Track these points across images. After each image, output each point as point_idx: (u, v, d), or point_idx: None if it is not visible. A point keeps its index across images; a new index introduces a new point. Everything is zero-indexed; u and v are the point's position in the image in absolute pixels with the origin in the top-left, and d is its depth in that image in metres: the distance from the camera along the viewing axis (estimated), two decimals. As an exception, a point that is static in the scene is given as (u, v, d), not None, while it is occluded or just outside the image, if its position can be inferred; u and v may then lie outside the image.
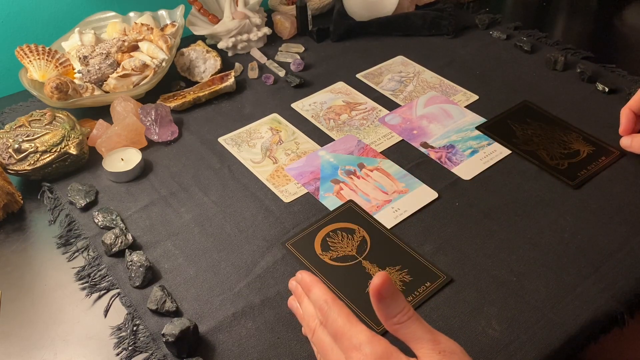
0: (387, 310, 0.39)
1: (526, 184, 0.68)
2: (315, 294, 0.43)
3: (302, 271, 0.47)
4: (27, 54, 0.83)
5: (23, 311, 0.57)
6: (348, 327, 0.40)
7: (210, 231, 0.64)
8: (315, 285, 0.44)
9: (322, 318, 0.42)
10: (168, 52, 0.86)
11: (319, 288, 0.44)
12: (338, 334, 0.40)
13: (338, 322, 0.41)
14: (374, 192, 0.68)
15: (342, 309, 0.42)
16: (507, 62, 0.90)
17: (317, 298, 0.43)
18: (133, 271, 0.58)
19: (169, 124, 0.78)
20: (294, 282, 0.48)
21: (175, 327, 0.50)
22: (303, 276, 0.46)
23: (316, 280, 0.45)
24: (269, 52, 0.97)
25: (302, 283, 0.46)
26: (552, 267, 0.58)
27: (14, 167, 0.69)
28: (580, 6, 1.10)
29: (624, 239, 0.60)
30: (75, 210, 0.68)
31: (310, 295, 0.44)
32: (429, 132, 0.77)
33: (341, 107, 0.83)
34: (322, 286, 0.44)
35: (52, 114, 0.74)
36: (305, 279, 0.45)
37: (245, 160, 0.74)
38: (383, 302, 0.39)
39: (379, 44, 0.97)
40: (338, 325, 0.41)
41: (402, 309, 0.39)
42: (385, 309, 0.39)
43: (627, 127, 0.71)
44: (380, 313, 0.40)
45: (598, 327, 0.53)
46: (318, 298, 0.43)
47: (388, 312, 0.39)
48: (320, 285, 0.44)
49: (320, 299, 0.43)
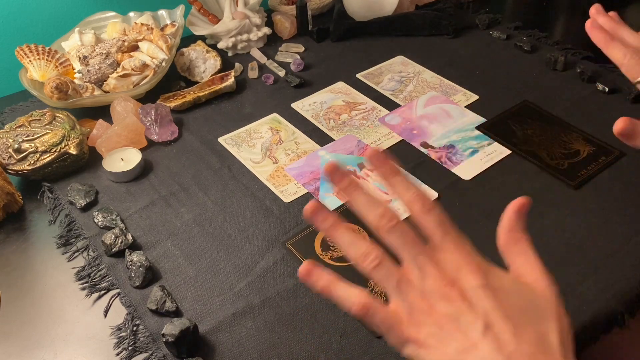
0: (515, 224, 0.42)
1: (526, 184, 0.68)
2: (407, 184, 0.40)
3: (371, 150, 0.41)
4: (27, 54, 0.83)
5: (23, 311, 0.57)
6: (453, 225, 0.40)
7: (210, 231, 0.64)
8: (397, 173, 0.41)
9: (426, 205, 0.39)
10: (168, 52, 0.86)
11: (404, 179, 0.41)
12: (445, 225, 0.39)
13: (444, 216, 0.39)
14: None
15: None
16: (507, 62, 0.90)
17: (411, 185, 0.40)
18: (133, 271, 0.58)
19: (169, 124, 0.78)
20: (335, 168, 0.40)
21: (175, 327, 0.50)
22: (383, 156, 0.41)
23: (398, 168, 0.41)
24: (269, 52, 0.97)
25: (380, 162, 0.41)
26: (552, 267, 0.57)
27: (14, 167, 0.69)
28: (580, 6, 1.10)
29: (624, 239, 0.60)
30: (75, 210, 0.68)
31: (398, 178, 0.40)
32: (429, 132, 0.77)
33: (341, 107, 0.83)
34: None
35: (52, 114, 0.74)
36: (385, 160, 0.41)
37: (245, 160, 0.74)
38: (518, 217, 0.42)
39: (379, 44, 0.97)
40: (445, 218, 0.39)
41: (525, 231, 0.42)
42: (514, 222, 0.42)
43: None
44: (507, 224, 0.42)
45: (598, 327, 0.53)
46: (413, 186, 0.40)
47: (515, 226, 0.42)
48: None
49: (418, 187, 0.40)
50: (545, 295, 0.39)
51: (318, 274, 0.39)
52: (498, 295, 0.37)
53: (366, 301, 0.38)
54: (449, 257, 0.38)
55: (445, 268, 0.38)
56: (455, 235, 0.39)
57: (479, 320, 0.36)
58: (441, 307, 0.37)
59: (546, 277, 0.40)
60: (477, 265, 0.38)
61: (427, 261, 0.38)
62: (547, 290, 0.39)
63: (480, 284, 0.37)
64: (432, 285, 0.38)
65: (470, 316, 0.37)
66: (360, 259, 0.39)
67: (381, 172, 0.41)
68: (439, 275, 0.38)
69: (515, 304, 0.38)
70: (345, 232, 0.40)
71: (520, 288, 0.39)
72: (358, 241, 0.39)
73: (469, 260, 0.38)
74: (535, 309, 0.38)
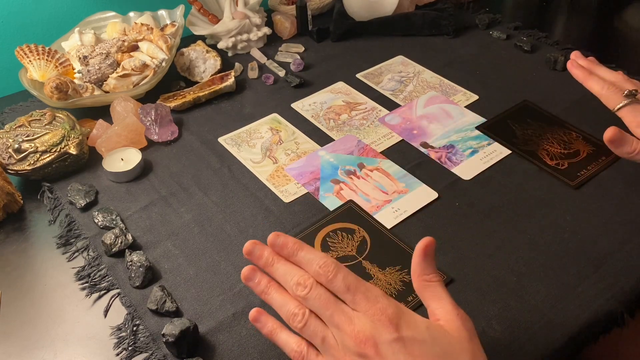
0: (425, 267, 0.43)
1: (526, 184, 0.68)
2: (311, 252, 0.42)
3: (276, 233, 0.44)
4: (27, 54, 0.83)
5: (23, 311, 0.57)
6: (361, 282, 0.41)
7: (210, 231, 0.64)
8: (305, 246, 0.43)
9: (327, 275, 0.41)
10: (168, 52, 0.86)
11: (312, 248, 0.43)
12: (350, 288, 0.40)
13: (350, 277, 0.41)
14: (374, 192, 0.68)
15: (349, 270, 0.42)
16: (507, 62, 0.90)
17: (314, 257, 0.42)
18: (133, 271, 0.58)
19: (169, 124, 0.78)
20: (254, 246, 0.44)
21: (175, 327, 0.50)
22: (281, 239, 0.43)
23: (303, 243, 0.43)
24: (269, 52, 0.97)
25: (281, 246, 0.43)
26: (552, 267, 0.58)
27: (14, 167, 0.69)
28: (580, 6, 1.10)
29: (624, 239, 0.60)
30: (75, 210, 0.68)
31: (301, 254, 0.43)
32: (429, 132, 0.77)
33: (341, 107, 0.83)
34: (311, 248, 0.43)
35: (52, 114, 0.74)
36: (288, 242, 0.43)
37: (245, 160, 0.74)
38: (425, 260, 0.43)
39: (379, 44, 0.97)
40: (350, 280, 0.41)
41: (435, 271, 0.43)
42: (423, 266, 0.43)
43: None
44: (417, 268, 0.43)
45: (598, 327, 0.53)
46: (317, 257, 0.42)
47: (425, 269, 0.43)
48: (311, 247, 0.43)
49: (322, 257, 0.42)
50: (459, 336, 0.41)
51: (264, 321, 0.44)
52: (412, 346, 0.39)
53: (301, 350, 0.42)
54: (362, 315, 0.40)
55: (360, 325, 0.40)
56: (364, 293, 0.41)
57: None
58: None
59: (458, 318, 0.42)
60: (389, 319, 0.40)
61: (342, 320, 0.40)
62: (460, 331, 0.41)
63: (394, 338, 0.39)
64: (348, 343, 0.40)
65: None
66: (290, 319, 0.42)
67: (285, 254, 0.44)
68: (354, 333, 0.39)
69: (428, 352, 0.39)
70: (275, 295, 0.43)
71: (434, 334, 0.40)
72: (288, 302, 0.42)
73: (381, 315, 0.40)
74: (448, 354, 0.40)
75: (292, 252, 0.43)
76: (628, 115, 0.65)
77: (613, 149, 0.64)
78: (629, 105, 0.65)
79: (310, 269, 0.42)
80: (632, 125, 0.65)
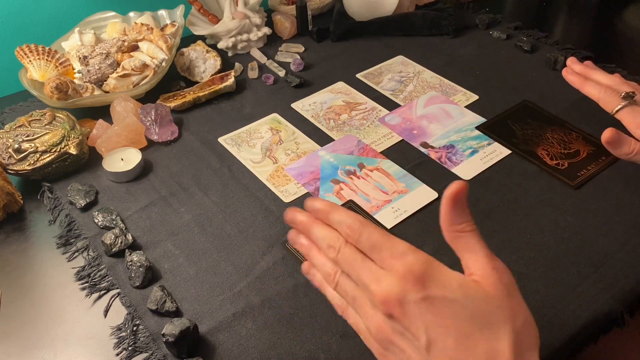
0: (455, 216, 0.39)
1: (526, 184, 0.68)
2: (340, 214, 0.41)
3: (311, 197, 0.44)
4: (27, 54, 0.83)
5: (23, 311, 0.57)
6: (386, 238, 0.39)
7: (210, 231, 0.64)
8: (337, 208, 0.42)
9: (354, 235, 0.40)
10: (168, 52, 0.86)
11: (343, 210, 0.42)
12: (376, 246, 0.39)
13: (374, 235, 0.39)
14: (374, 192, 0.68)
15: (376, 226, 0.40)
16: (507, 62, 0.90)
17: (343, 218, 0.41)
18: (133, 271, 0.58)
19: (169, 124, 0.78)
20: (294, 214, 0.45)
21: (175, 327, 0.50)
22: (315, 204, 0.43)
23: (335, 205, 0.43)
24: (269, 52, 0.97)
25: (316, 211, 0.43)
26: (552, 267, 0.58)
27: (14, 167, 0.69)
28: (580, 6, 1.10)
29: (624, 239, 0.60)
30: (75, 210, 0.68)
31: (332, 216, 0.42)
32: (429, 132, 0.77)
33: (341, 107, 0.83)
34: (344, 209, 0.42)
35: (52, 114, 0.74)
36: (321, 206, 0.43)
37: (245, 160, 0.74)
38: (455, 208, 0.39)
39: (379, 44, 0.97)
40: (375, 237, 0.39)
41: (468, 220, 0.39)
42: (453, 215, 0.39)
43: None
44: (447, 218, 0.40)
45: (598, 327, 0.53)
46: (345, 218, 0.41)
47: (455, 218, 0.39)
48: (343, 209, 0.42)
49: (349, 218, 0.41)
50: (496, 293, 0.37)
51: (314, 273, 0.45)
52: (442, 305, 0.36)
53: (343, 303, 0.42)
54: (389, 273, 0.38)
55: (385, 284, 0.38)
56: (390, 249, 0.39)
57: (422, 336, 0.36)
58: (387, 325, 0.38)
59: (494, 272, 0.38)
60: (416, 276, 0.37)
61: (369, 280, 0.38)
62: (497, 287, 0.38)
63: (420, 297, 0.36)
64: (377, 303, 0.38)
65: (412, 332, 0.37)
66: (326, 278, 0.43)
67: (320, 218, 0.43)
68: (379, 293, 0.38)
69: (459, 313, 0.36)
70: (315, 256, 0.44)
71: (467, 292, 0.37)
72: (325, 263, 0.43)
73: (408, 272, 0.37)
74: (483, 314, 0.36)
75: (325, 215, 0.42)
76: (627, 117, 0.65)
77: (611, 150, 0.64)
78: (627, 107, 0.65)
79: (342, 230, 0.41)
80: (631, 126, 0.65)
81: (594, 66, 0.74)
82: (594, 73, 0.73)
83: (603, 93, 0.68)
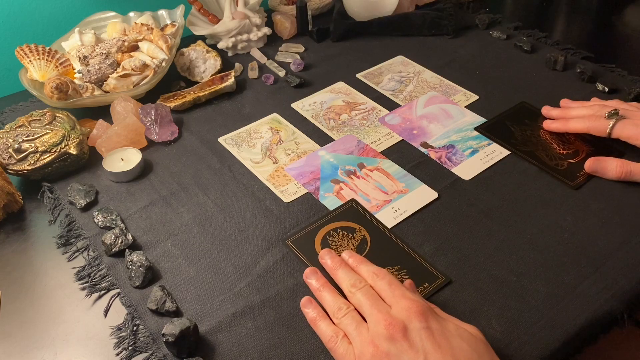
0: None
1: (526, 184, 0.68)
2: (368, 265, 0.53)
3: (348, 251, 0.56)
4: (27, 54, 0.83)
5: (23, 311, 0.57)
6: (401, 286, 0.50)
7: (210, 231, 0.64)
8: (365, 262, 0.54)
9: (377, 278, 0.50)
10: (168, 52, 0.86)
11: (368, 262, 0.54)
12: (392, 285, 0.49)
13: (393, 280, 0.50)
14: (374, 192, 0.68)
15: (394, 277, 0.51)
16: (507, 62, 0.90)
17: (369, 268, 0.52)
18: (133, 271, 0.58)
19: (169, 124, 0.78)
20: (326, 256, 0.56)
21: (175, 327, 0.50)
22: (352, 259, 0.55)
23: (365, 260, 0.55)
24: (269, 52, 0.97)
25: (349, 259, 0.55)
26: (552, 267, 0.58)
27: (14, 167, 0.69)
28: (580, 6, 1.10)
29: (624, 239, 0.60)
30: (75, 210, 0.68)
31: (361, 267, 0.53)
32: (429, 132, 0.77)
33: (341, 107, 0.83)
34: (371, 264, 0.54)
35: (52, 114, 0.74)
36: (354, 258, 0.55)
37: (245, 160, 0.74)
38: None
39: (379, 44, 0.98)
40: (392, 280, 0.50)
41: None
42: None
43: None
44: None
45: (598, 327, 0.53)
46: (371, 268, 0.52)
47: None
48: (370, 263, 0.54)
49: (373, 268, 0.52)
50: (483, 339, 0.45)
51: (312, 308, 0.52)
52: (440, 337, 0.43)
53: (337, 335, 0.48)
54: (398, 308, 0.46)
55: (393, 314, 0.46)
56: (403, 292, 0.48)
57: (420, 356, 0.42)
58: (385, 346, 0.44)
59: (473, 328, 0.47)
60: (422, 312, 0.45)
61: (380, 309, 0.47)
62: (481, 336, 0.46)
63: (422, 326, 0.44)
64: (379, 328, 0.45)
65: (411, 354, 0.43)
66: (336, 311, 0.50)
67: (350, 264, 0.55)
68: (386, 319, 0.45)
69: (455, 346, 0.43)
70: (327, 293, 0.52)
71: (462, 333, 0.45)
72: (337, 300, 0.51)
73: (415, 308, 0.45)
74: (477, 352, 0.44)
75: (355, 264, 0.54)
76: (622, 133, 0.66)
77: (602, 176, 0.67)
78: (618, 124, 0.66)
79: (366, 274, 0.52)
80: (631, 139, 0.65)
81: (569, 102, 0.76)
82: (572, 110, 0.73)
83: (589, 123, 0.69)
